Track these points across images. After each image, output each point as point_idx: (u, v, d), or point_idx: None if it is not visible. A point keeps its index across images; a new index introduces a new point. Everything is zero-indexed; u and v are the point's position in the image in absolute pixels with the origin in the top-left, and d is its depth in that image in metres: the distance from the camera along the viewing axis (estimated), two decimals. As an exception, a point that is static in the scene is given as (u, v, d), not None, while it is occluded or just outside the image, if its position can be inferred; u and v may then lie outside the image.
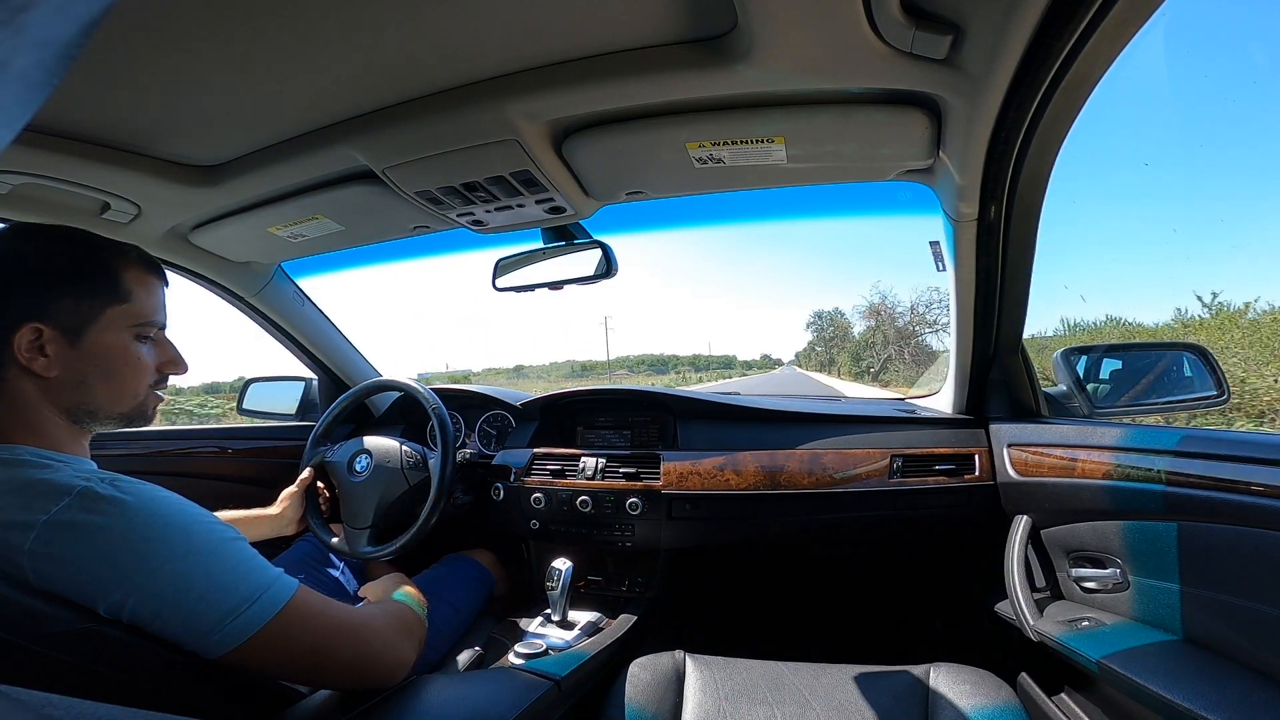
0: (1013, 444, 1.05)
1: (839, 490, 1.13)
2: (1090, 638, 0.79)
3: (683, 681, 0.88)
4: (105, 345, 0.58)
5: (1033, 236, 0.89)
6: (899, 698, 0.82)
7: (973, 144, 0.73)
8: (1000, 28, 0.54)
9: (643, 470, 1.20)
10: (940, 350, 36.54)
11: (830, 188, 0.98)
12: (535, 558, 1.33)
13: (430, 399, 1.18)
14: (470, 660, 0.98)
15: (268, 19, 0.59)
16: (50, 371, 0.55)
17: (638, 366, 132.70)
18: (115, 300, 0.59)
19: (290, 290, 1.43)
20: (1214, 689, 0.62)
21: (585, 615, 1.12)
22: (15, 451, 0.53)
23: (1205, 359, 1.06)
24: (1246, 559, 0.65)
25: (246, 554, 0.56)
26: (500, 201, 0.95)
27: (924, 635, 1.41)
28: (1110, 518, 0.83)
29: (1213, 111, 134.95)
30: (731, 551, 1.42)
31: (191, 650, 0.51)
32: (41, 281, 0.55)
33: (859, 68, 0.64)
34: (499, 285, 1.19)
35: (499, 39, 0.65)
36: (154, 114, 0.77)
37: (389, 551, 1.08)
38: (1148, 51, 55.62)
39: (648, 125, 0.78)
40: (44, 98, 0.15)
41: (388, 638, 0.64)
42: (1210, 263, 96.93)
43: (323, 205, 1.01)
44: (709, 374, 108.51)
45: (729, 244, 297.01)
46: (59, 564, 0.47)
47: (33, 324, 0.54)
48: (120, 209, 0.98)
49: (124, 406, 0.61)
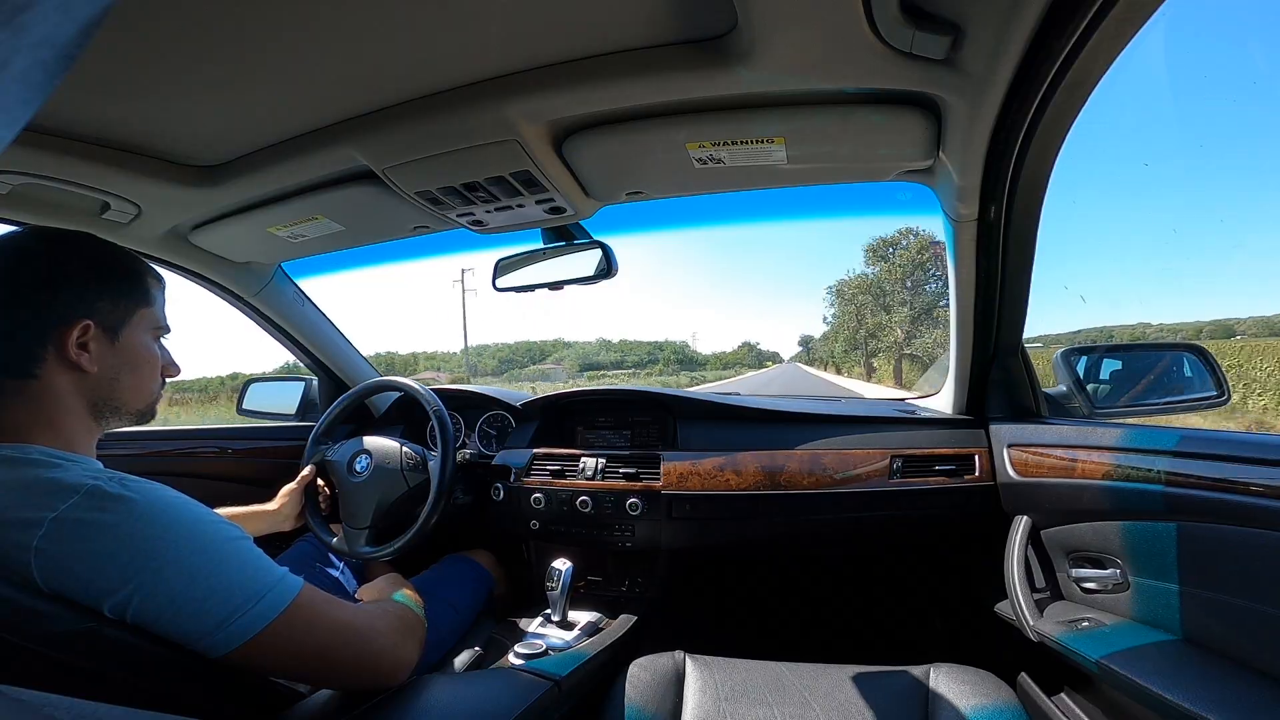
0: (1013, 444, 1.04)
1: (839, 490, 1.13)
2: (1090, 638, 0.79)
3: (683, 681, 0.88)
4: (136, 344, 0.62)
5: (1033, 236, 0.89)
6: (899, 698, 0.82)
7: (973, 144, 0.73)
8: (1000, 28, 0.55)
9: (643, 470, 1.20)
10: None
11: (830, 188, 0.98)
12: (535, 558, 1.33)
13: (430, 399, 1.18)
14: (470, 660, 0.98)
15: (268, 19, 0.59)
16: (92, 367, 0.58)
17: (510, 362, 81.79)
18: (144, 303, 0.63)
19: (290, 290, 1.43)
20: (1214, 689, 0.62)
21: (585, 615, 1.12)
22: (26, 450, 0.53)
23: (1205, 359, 1.06)
24: (1246, 559, 0.65)
25: (252, 553, 0.56)
26: (500, 202, 0.95)
27: (924, 635, 1.41)
28: (1110, 518, 0.83)
29: (1213, 109, 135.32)
30: (731, 552, 1.42)
31: (195, 649, 0.51)
32: (85, 282, 0.58)
33: (859, 68, 0.64)
34: (499, 285, 1.19)
35: (499, 39, 0.65)
36: (154, 114, 0.77)
37: (388, 552, 1.08)
38: (1148, 51, 55.92)
39: (648, 126, 0.78)
40: (44, 98, 0.15)
41: (390, 638, 0.64)
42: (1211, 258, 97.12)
43: (323, 205, 1.01)
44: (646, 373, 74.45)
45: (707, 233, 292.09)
46: (65, 561, 0.48)
47: (85, 320, 0.57)
48: (120, 209, 0.98)
49: (143, 403, 0.64)
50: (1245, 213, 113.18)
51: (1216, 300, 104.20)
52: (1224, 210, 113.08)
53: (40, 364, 0.55)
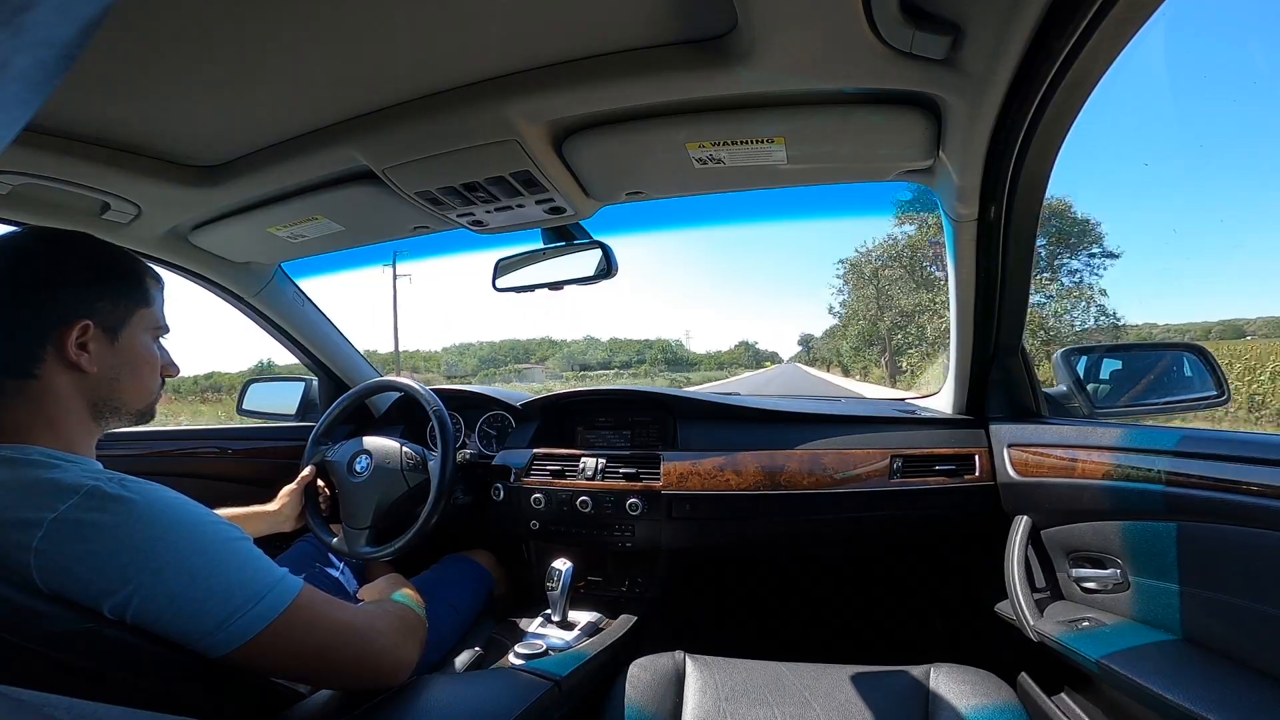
0: (1013, 444, 1.04)
1: (839, 490, 1.13)
2: (1090, 638, 0.79)
3: (683, 682, 0.88)
4: (135, 344, 0.62)
5: (1033, 236, 0.89)
6: (899, 698, 0.82)
7: (973, 144, 0.73)
8: (1000, 28, 0.55)
9: (643, 470, 1.20)
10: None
11: (830, 188, 0.98)
12: (535, 558, 1.33)
13: (430, 399, 1.18)
14: (470, 660, 0.98)
15: (268, 19, 0.59)
16: (92, 367, 0.58)
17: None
18: (143, 303, 0.63)
19: (290, 290, 1.43)
20: (1214, 689, 0.62)
21: (585, 615, 1.12)
22: (25, 451, 0.53)
23: (1205, 359, 1.06)
24: (1246, 559, 0.65)
25: (252, 553, 0.56)
26: (500, 202, 0.95)
27: (924, 635, 1.41)
28: (1110, 518, 0.83)
29: (1213, 109, 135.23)
30: (731, 552, 1.42)
31: (195, 649, 0.51)
32: (85, 282, 0.58)
33: (859, 68, 0.64)
34: (499, 285, 1.19)
35: (499, 39, 0.65)
36: (154, 114, 0.77)
37: (388, 552, 1.08)
38: (1148, 51, 55.53)
39: (648, 126, 0.78)
40: (44, 98, 0.15)
41: (391, 638, 0.64)
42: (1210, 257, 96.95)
43: (323, 205, 1.01)
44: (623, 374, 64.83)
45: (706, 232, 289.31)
46: (65, 562, 0.48)
47: (84, 321, 0.57)
48: (120, 209, 0.98)
49: (142, 403, 0.64)
50: (1245, 213, 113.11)
51: (1217, 300, 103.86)
52: (1224, 210, 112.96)
53: (40, 364, 0.55)
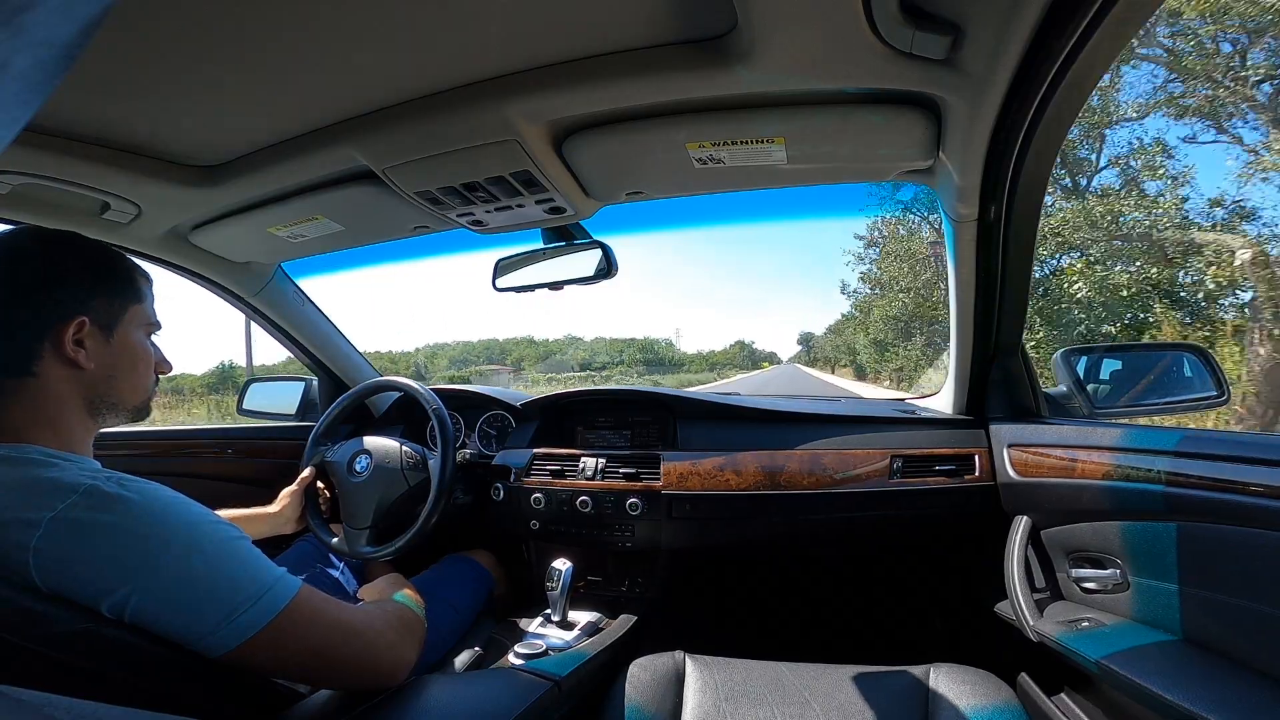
0: (1013, 444, 1.04)
1: (839, 491, 1.13)
2: (1090, 638, 0.79)
3: (683, 682, 0.88)
4: (129, 341, 0.63)
5: (1033, 236, 0.89)
6: (899, 698, 0.82)
7: (973, 144, 0.73)
8: (1000, 28, 0.55)
9: (643, 470, 1.20)
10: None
11: (830, 188, 0.98)
12: (535, 558, 1.33)
13: (430, 399, 1.18)
14: (470, 660, 0.98)
15: (268, 19, 0.59)
16: (89, 363, 0.58)
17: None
18: (136, 300, 0.64)
19: (290, 290, 1.43)
20: (1214, 689, 0.62)
21: (585, 615, 1.12)
22: (24, 450, 0.53)
23: (1205, 359, 1.06)
24: (1246, 559, 0.65)
25: (250, 553, 0.56)
26: (500, 202, 0.95)
27: (924, 635, 1.41)
28: (1110, 518, 0.83)
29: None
30: (732, 552, 1.42)
31: (194, 649, 0.51)
32: (81, 280, 0.59)
33: (859, 68, 0.64)
34: (499, 285, 1.19)
35: (499, 39, 0.65)
36: (154, 114, 0.77)
37: (388, 552, 1.08)
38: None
39: (648, 126, 0.78)
40: (44, 98, 0.15)
41: (389, 638, 0.64)
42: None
43: (323, 205, 1.01)
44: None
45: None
46: (64, 561, 0.48)
47: (80, 317, 0.57)
48: (120, 209, 0.98)
49: (138, 399, 0.65)
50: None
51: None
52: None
53: (38, 362, 0.56)
